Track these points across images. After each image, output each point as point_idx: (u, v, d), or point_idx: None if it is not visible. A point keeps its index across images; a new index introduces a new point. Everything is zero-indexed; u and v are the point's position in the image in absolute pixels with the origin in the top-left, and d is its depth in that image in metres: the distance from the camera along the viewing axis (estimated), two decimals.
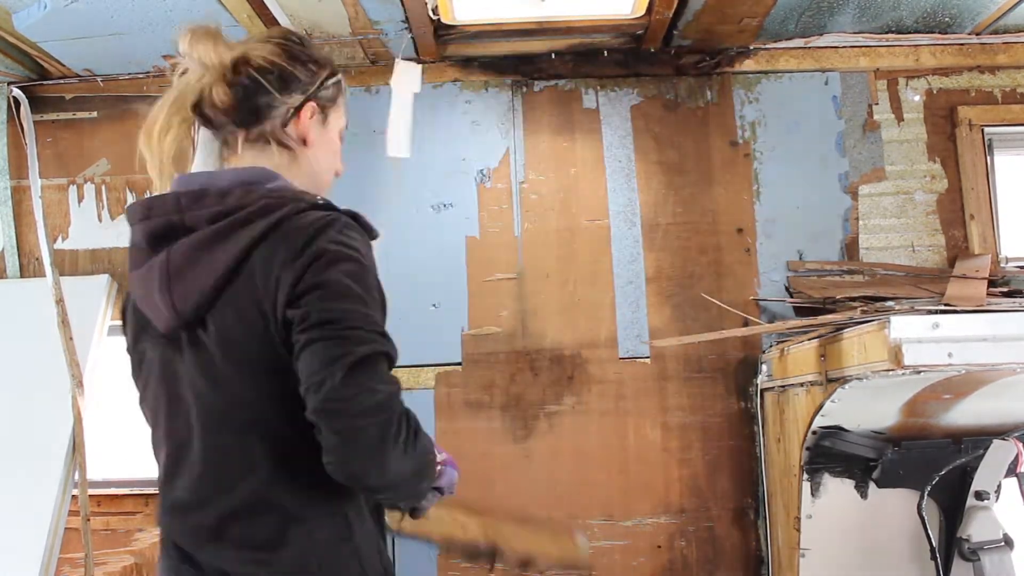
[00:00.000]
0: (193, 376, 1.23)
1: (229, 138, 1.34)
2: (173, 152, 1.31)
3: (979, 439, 2.02)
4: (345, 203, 1.35)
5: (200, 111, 1.32)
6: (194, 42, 1.33)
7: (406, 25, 2.44)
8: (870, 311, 1.83)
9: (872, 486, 2.11)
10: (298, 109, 1.34)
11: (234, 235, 1.21)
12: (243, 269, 1.19)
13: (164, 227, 1.26)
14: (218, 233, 1.21)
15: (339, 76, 1.42)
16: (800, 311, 2.54)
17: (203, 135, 1.38)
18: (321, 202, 1.26)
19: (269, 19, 2.30)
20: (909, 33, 2.66)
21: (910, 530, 2.12)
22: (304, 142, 1.36)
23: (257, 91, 1.31)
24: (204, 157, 1.37)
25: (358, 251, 1.19)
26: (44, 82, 2.70)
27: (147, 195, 1.38)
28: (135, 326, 1.38)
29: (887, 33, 2.66)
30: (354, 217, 1.25)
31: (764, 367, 2.46)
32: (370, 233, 1.26)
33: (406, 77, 2.56)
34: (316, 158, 1.39)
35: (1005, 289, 2.32)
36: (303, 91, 1.34)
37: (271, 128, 1.33)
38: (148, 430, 1.32)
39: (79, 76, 2.69)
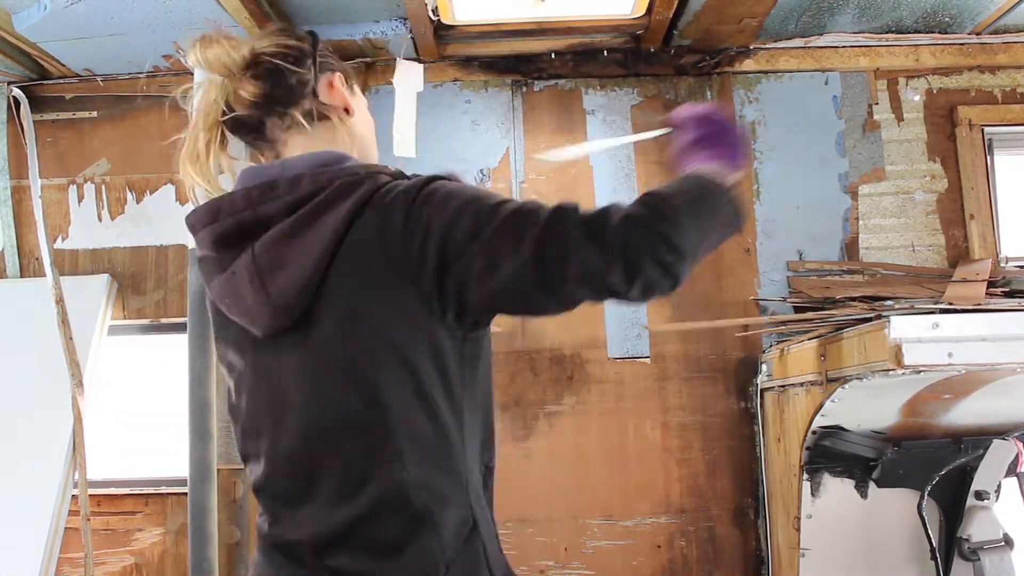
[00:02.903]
0: (301, 377, 1.14)
1: (276, 132, 1.27)
2: (211, 162, 1.27)
3: (979, 439, 2.02)
4: None
5: (231, 119, 1.27)
6: (205, 49, 1.26)
7: (406, 25, 2.45)
8: (869, 309, 1.83)
9: (872, 486, 2.11)
10: (328, 79, 1.29)
11: (321, 219, 1.12)
12: (342, 250, 1.11)
13: (235, 227, 1.18)
14: (302, 219, 1.13)
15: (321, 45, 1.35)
16: (800, 311, 2.54)
17: (240, 148, 1.33)
18: (395, 171, 1.20)
19: (267, 19, 2.30)
20: (909, 33, 2.66)
21: (910, 530, 2.12)
22: (346, 110, 1.30)
23: (283, 73, 1.25)
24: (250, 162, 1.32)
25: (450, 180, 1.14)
26: (44, 82, 2.70)
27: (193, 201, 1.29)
28: (218, 336, 1.29)
29: (887, 33, 2.66)
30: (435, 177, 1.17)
31: (764, 367, 2.46)
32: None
33: (408, 76, 2.56)
34: (361, 123, 1.33)
35: (1006, 289, 2.32)
36: (322, 65, 1.29)
37: (310, 105, 1.27)
38: (241, 439, 1.23)
39: (79, 76, 2.69)
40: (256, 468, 1.19)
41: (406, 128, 2.52)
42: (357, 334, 1.10)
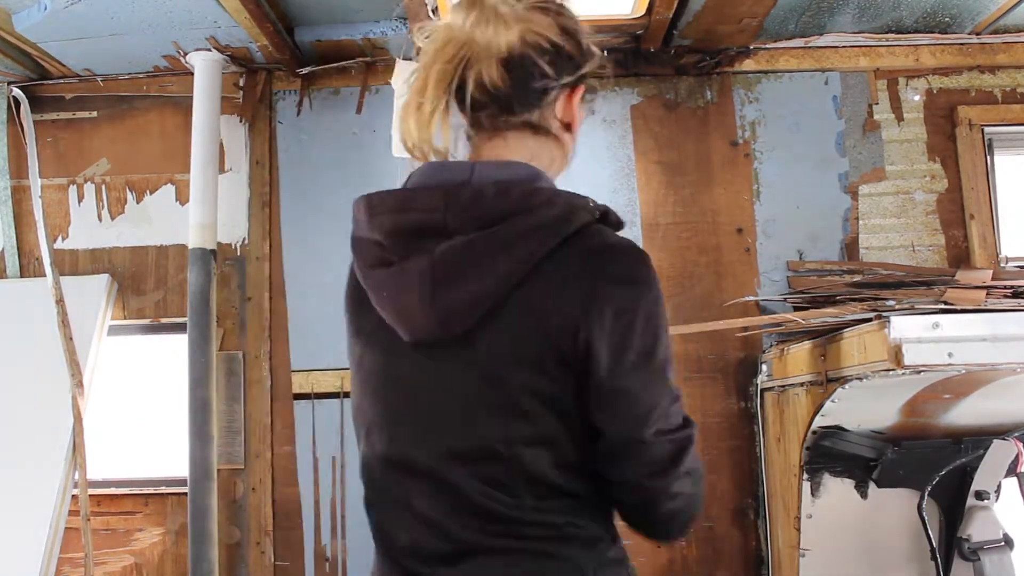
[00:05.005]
0: (435, 393, 1.09)
1: (486, 123, 1.19)
2: (435, 134, 1.19)
3: (979, 439, 2.02)
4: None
5: (463, 92, 1.17)
6: (484, 16, 1.16)
7: (406, 25, 2.45)
8: (869, 309, 1.83)
9: (872, 486, 2.11)
10: (570, 92, 1.21)
11: (518, 244, 1.06)
12: (526, 285, 1.05)
13: (420, 224, 1.12)
14: (495, 240, 1.07)
15: (596, 49, 1.26)
16: (800, 311, 2.53)
17: (454, 121, 1.23)
18: (599, 212, 1.12)
19: (267, 19, 2.30)
20: (909, 33, 2.66)
21: (910, 530, 2.12)
22: (569, 127, 1.23)
23: (535, 74, 1.15)
24: (459, 145, 1.25)
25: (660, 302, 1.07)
26: (44, 82, 2.70)
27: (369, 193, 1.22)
28: (354, 323, 1.21)
29: (887, 33, 2.66)
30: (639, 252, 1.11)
31: (764, 367, 2.46)
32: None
33: (408, 77, 2.55)
34: (572, 142, 1.26)
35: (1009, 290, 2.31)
36: (574, 71, 1.20)
37: (539, 115, 1.19)
38: (360, 440, 1.17)
39: (79, 76, 2.69)
40: (365, 475, 1.15)
41: None
42: (500, 374, 1.05)
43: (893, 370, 1.60)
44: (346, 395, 2.50)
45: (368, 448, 1.13)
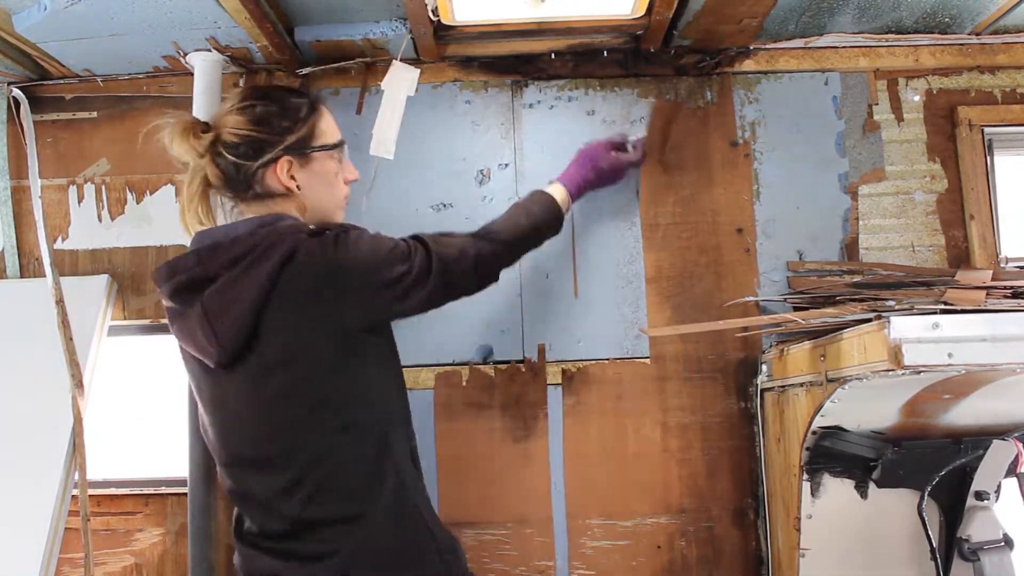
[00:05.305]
0: (237, 401, 1.52)
1: (232, 200, 1.63)
2: (199, 220, 1.62)
3: (979, 439, 2.02)
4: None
5: (209, 185, 1.61)
6: (175, 144, 1.61)
7: (406, 25, 2.45)
8: (869, 309, 1.83)
9: (872, 486, 2.11)
10: (273, 166, 1.59)
11: (253, 271, 1.44)
12: (273, 297, 1.44)
13: (188, 281, 1.51)
14: (238, 273, 1.45)
15: (310, 113, 1.65)
16: (800, 311, 2.53)
17: (220, 198, 1.66)
18: (315, 228, 1.54)
19: (267, 19, 2.30)
20: (909, 33, 2.66)
21: (910, 530, 2.12)
22: (288, 190, 1.61)
23: (236, 165, 1.58)
24: (223, 215, 1.65)
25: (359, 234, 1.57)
26: (44, 82, 2.71)
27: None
28: (187, 366, 1.69)
29: (887, 33, 2.66)
30: (345, 230, 1.56)
31: (764, 367, 2.47)
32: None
33: (400, 78, 2.56)
34: (312, 197, 1.64)
35: (1009, 290, 2.31)
36: (273, 148, 1.58)
37: (260, 189, 1.59)
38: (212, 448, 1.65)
39: (79, 76, 2.69)
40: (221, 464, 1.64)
41: (387, 129, 2.54)
42: (278, 371, 1.49)
43: (893, 370, 1.60)
44: None
45: (216, 453, 1.71)
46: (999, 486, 2.11)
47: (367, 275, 1.51)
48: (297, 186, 1.61)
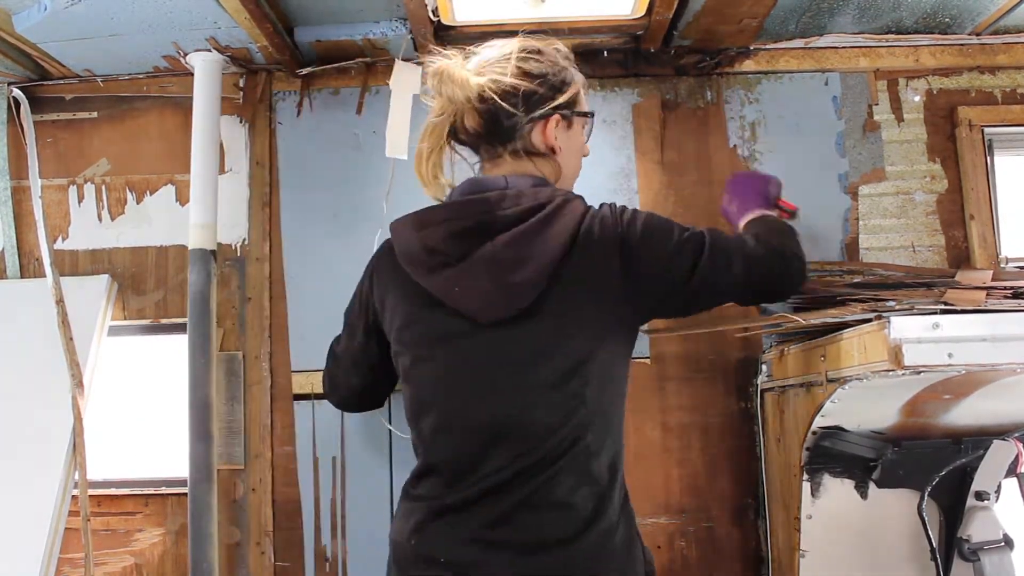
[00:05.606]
0: (515, 358, 1.38)
1: (485, 153, 1.56)
2: (433, 173, 1.57)
3: (979, 439, 2.02)
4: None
5: (456, 137, 1.57)
6: (443, 82, 1.49)
7: (406, 25, 2.45)
8: (869, 309, 1.83)
9: (872, 486, 2.11)
10: (543, 122, 1.53)
11: (555, 223, 1.39)
12: (573, 252, 1.39)
13: (475, 226, 1.41)
14: (538, 223, 1.38)
15: (578, 77, 1.62)
16: (800, 311, 2.53)
17: (469, 152, 1.61)
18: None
19: (267, 20, 2.30)
20: (909, 33, 2.67)
21: (910, 530, 2.12)
22: (552, 151, 1.55)
23: (501, 114, 1.49)
24: (449, 170, 1.61)
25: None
26: (44, 82, 2.71)
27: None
28: (406, 318, 1.49)
29: (887, 33, 2.66)
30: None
31: (764, 367, 2.47)
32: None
33: (405, 78, 2.56)
34: (566, 163, 1.58)
35: (1009, 290, 2.31)
36: (544, 105, 1.51)
37: (522, 143, 1.52)
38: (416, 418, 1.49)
39: (79, 76, 2.69)
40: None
41: (399, 130, 2.52)
42: (571, 326, 1.40)
43: (893, 370, 1.60)
44: None
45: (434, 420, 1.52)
46: (999, 486, 2.11)
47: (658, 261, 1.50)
48: (559, 148, 1.55)
